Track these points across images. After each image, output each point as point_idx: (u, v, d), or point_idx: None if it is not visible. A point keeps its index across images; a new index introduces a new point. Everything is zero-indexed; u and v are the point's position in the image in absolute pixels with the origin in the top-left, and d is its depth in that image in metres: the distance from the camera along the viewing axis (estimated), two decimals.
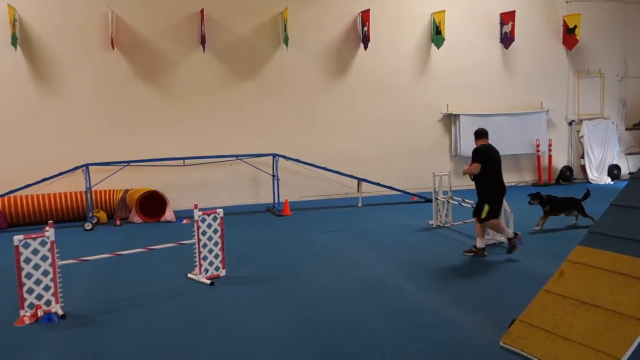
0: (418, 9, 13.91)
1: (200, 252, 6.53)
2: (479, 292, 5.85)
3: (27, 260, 5.33)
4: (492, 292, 5.82)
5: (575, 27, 14.74)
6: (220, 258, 6.69)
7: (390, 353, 4.39)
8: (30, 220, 10.95)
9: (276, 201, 11.99)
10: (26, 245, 5.32)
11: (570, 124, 15.44)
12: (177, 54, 12.48)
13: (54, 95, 11.81)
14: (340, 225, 10.13)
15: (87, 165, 10.77)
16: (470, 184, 13.82)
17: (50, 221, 5.61)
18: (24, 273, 5.32)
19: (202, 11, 12.18)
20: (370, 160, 13.69)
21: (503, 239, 7.73)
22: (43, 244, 5.39)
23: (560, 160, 15.36)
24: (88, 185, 10.77)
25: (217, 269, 6.69)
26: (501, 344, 4.34)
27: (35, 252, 5.36)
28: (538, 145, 14.78)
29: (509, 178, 14.23)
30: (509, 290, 5.87)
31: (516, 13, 14.14)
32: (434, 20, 13.82)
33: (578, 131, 15.42)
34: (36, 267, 5.39)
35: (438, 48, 13.81)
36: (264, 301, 5.79)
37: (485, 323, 4.90)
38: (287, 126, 13.19)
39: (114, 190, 11.62)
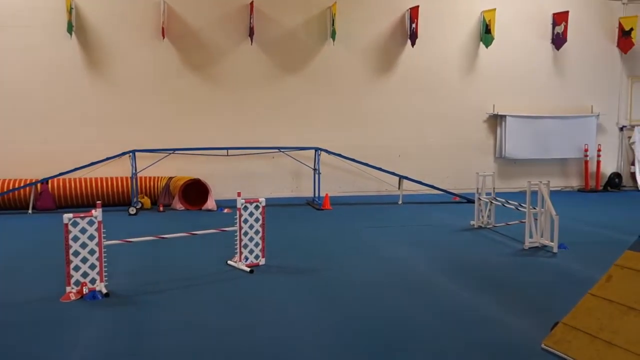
0: (468, 6, 13.71)
1: (241, 240, 6.60)
2: (520, 293, 5.73)
3: (75, 239, 5.50)
4: (534, 294, 5.69)
5: (631, 29, 14.29)
6: (260, 247, 6.76)
7: (431, 349, 4.34)
8: (77, 202, 11.29)
9: (317, 195, 12.03)
10: (75, 224, 5.48)
11: (621, 129, 14.99)
12: (225, 46, 12.64)
13: (105, 82, 12.13)
14: (380, 221, 10.09)
15: (134, 152, 11.02)
16: (514, 187, 13.72)
17: (99, 202, 5.76)
18: (71, 251, 5.48)
19: (251, 3, 12.30)
20: (412, 158, 13.60)
21: (547, 242, 7.57)
22: (91, 223, 5.55)
23: (609, 167, 14.93)
24: (134, 171, 11.02)
25: (256, 257, 6.75)
26: (543, 346, 4.26)
27: (83, 231, 5.52)
28: (586, 150, 14.40)
29: (555, 183, 13.96)
30: (552, 293, 5.74)
31: (570, 14, 13.79)
32: (483, 19, 13.60)
33: (629, 137, 14.95)
34: (83, 245, 5.54)
35: (487, 47, 13.59)
36: (303, 291, 5.81)
37: (527, 324, 4.81)
38: (330, 121, 13.21)
39: (158, 177, 11.86)
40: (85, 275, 5.59)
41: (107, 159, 10.99)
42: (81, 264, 5.55)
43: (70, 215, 5.46)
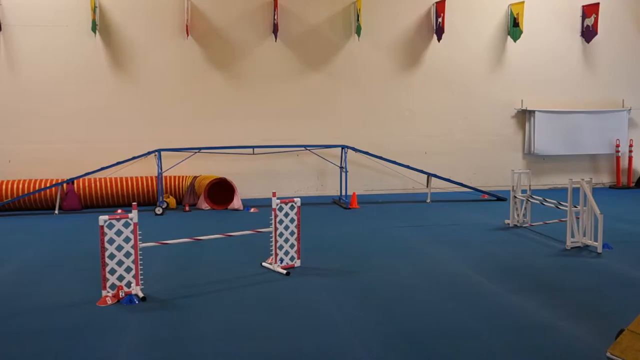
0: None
1: (276, 241, 6.43)
2: (570, 295, 5.49)
3: (111, 241, 5.36)
4: (588, 298, 5.43)
5: None
6: (295, 248, 6.58)
7: (485, 356, 4.12)
8: (102, 202, 11.21)
9: (343, 193, 11.83)
10: (110, 226, 5.34)
11: None
12: (249, 43, 12.47)
13: (130, 80, 12.03)
14: (410, 220, 9.88)
15: (159, 151, 10.90)
16: (544, 184, 13.41)
17: (134, 203, 5.62)
18: (107, 254, 5.34)
19: (275, 0, 12.12)
20: (439, 155, 13.33)
21: (590, 242, 7.31)
22: (126, 225, 5.41)
23: None
24: (160, 171, 10.90)
25: (292, 258, 6.58)
26: (608, 355, 4.03)
27: (118, 233, 5.38)
28: (618, 146, 14.03)
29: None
30: (604, 296, 5.49)
31: (600, 5, 13.42)
32: (511, 12, 13.27)
33: None
34: (118, 248, 5.41)
35: (515, 41, 13.25)
36: (342, 293, 5.63)
37: (584, 330, 4.57)
38: (356, 117, 13.00)
39: (182, 177, 11.74)
40: (120, 278, 5.45)
41: (133, 158, 10.89)
42: (116, 266, 5.42)
43: (106, 217, 5.33)
